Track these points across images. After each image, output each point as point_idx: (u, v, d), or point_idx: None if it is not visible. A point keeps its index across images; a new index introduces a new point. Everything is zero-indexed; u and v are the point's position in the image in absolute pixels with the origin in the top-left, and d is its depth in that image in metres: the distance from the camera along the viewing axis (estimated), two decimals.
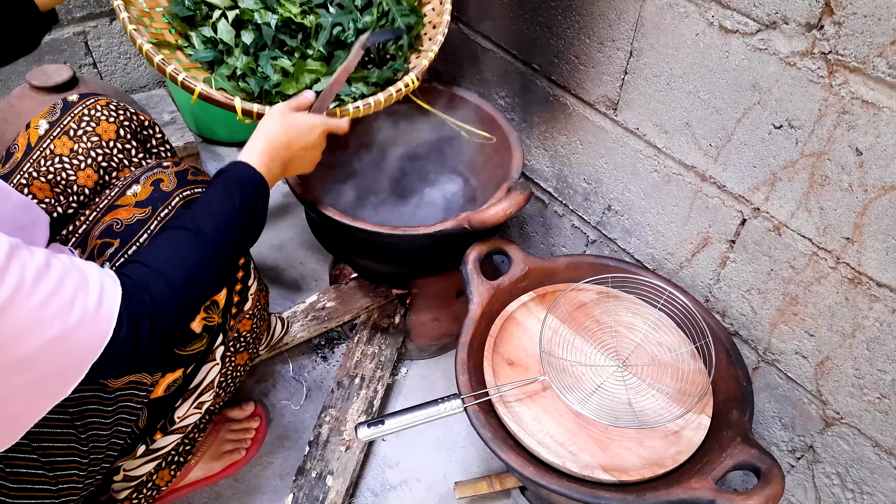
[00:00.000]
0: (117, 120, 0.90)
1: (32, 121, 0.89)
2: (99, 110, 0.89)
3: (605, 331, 0.94)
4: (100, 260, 0.79)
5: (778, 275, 0.87)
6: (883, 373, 0.79)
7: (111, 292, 0.58)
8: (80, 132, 0.88)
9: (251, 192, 0.75)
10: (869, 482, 0.86)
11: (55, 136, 0.87)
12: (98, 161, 0.88)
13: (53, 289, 0.53)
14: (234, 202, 0.73)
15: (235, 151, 1.86)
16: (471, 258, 0.96)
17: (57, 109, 0.89)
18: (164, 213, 0.80)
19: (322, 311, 1.25)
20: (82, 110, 0.89)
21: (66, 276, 0.55)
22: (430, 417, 0.80)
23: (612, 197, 1.11)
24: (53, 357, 0.54)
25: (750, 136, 0.83)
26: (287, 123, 0.83)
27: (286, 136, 0.82)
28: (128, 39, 1.84)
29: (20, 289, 0.50)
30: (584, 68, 1.05)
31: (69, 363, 0.56)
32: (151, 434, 0.86)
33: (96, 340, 0.56)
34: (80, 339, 0.55)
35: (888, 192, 0.70)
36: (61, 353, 0.54)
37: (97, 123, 0.89)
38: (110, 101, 0.91)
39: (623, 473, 0.76)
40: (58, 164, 0.86)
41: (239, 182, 0.75)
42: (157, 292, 0.63)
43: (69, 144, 0.87)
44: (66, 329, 0.54)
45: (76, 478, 0.75)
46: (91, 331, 0.56)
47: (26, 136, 0.88)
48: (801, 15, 0.71)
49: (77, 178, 0.87)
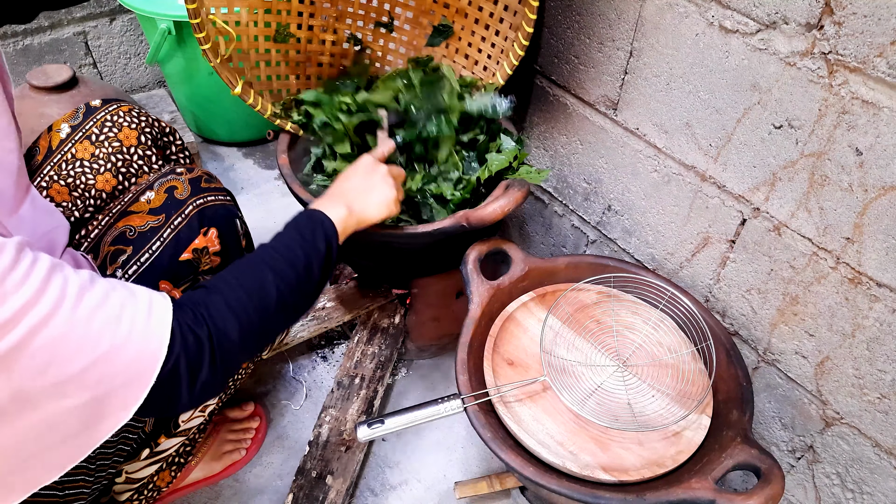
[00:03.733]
0: (139, 126, 0.90)
1: (54, 124, 0.89)
2: (121, 116, 0.89)
3: (606, 331, 0.94)
4: (112, 268, 0.78)
5: (778, 275, 0.87)
6: (883, 373, 0.79)
7: (161, 305, 0.55)
8: (101, 137, 0.88)
9: (307, 224, 0.74)
10: (869, 482, 0.86)
11: (77, 141, 0.87)
12: (118, 166, 0.88)
13: (98, 302, 0.50)
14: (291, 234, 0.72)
15: (235, 151, 1.86)
16: (471, 258, 0.96)
17: (79, 114, 0.89)
18: (177, 222, 0.80)
19: (322, 311, 1.25)
20: (105, 116, 0.89)
21: (112, 292, 0.52)
22: (430, 417, 0.80)
23: (612, 197, 1.11)
24: (102, 378, 0.50)
25: (750, 136, 0.83)
26: (344, 171, 0.87)
27: (340, 178, 0.85)
28: (128, 39, 1.84)
29: (63, 301, 0.48)
30: (584, 68, 1.05)
31: (120, 386, 0.52)
32: (155, 438, 0.87)
33: (150, 356, 0.53)
34: (132, 355, 0.52)
35: (888, 192, 0.70)
36: (110, 374, 0.51)
37: (119, 129, 0.89)
38: (132, 107, 0.91)
39: (623, 473, 0.76)
40: (78, 169, 0.86)
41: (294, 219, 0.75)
42: (213, 308, 0.60)
43: (91, 149, 0.87)
44: (114, 344, 0.50)
45: (83, 483, 0.76)
46: (142, 346, 0.52)
47: (48, 139, 0.88)
48: (801, 15, 0.71)
49: (96, 182, 0.87)
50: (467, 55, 1.15)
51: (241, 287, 0.64)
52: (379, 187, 0.84)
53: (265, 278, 0.65)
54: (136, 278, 0.77)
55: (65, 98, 1.37)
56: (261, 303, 0.64)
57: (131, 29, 1.83)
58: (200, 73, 1.60)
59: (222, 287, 0.63)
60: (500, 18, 1.07)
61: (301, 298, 0.71)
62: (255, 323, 0.64)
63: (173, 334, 0.54)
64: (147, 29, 1.58)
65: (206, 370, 0.57)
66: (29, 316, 0.46)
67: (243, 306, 0.62)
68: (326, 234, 0.74)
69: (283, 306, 0.67)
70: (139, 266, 0.78)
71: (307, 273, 0.70)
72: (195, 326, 0.57)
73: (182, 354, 0.55)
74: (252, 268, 0.66)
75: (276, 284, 0.66)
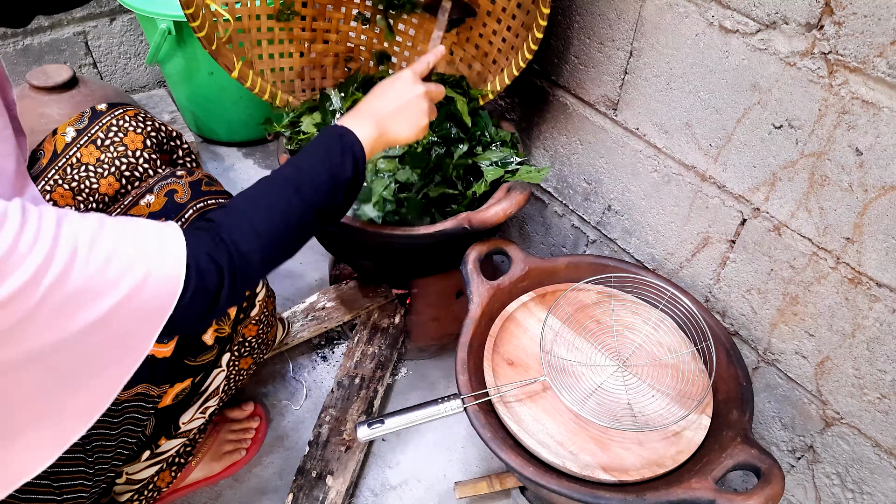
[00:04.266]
0: (144, 131, 0.90)
1: (60, 128, 0.89)
2: (127, 121, 0.89)
3: (606, 331, 0.94)
4: None
5: (778, 275, 0.87)
6: (883, 373, 0.79)
7: (173, 239, 0.56)
8: (107, 142, 0.88)
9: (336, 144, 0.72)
10: (869, 482, 0.86)
11: (82, 145, 0.87)
12: (122, 171, 0.88)
13: (113, 247, 0.51)
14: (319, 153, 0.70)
15: (235, 151, 1.86)
16: (471, 258, 0.96)
17: (85, 118, 0.89)
18: None
19: (322, 311, 1.25)
20: (110, 120, 0.89)
21: (123, 233, 0.53)
22: (430, 417, 0.80)
23: (612, 197, 1.11)
24: (129, 313, 0.52)
25: (750, 136, 0.83)
26: (384, 80, 0.82)
27: (374, 92, 0.81)
28: (128, 39, 1.84)
29: (77, 254, 0.49)
30: (584, 68, 1.05)
31: (146, 315, 0.54)
32: (156, 440, 0.86)
33: (168, 292, 0.54)
34: (151, 293, 0.53)
35: (888, 192, 0.70)
36: (135, 308, 0.52)
37: (125, 134, 0.89)
38: (138, 111, 0.91)
39: (623, 473, 0.76)
40: (83, 173, 0.86)
41: (321, 135, 0.73)
42: (236, 231, 0.61)
43: (96, 154, 0.87)
44: (133, 286, 0.51)
45: (81, 487, 0.76)
46: (160, 283, 0.54)
47: (52, 143, 0.88)
48: (801, 15, 0.71)
49: (99, 185, 0.87)
50: (478, 45, 1.14)
51: (266, 208, 0.64)
52: (413, 111, 0.81)
53: (290, 200, 0.66)
54: None
55: (65, 98, 1.37)
56: (284, 225, 0.65)
57: (131, 29, 1.83)
58: (200, 73, 1.60)
59: (247, 207, 0.64)
60: (512, 14, 1.06)
61: (324, 221, 0.71)
62: (277, 244, 0.65)
63: (188, 266, 0.55)
64: (147, 29, 1.58)
65: (225, 291, 0.59)
66: (48, 274, 0.46)
67: (266, 229, 0.63)
68: (355, 156, 0.72)
69: (306, 228, 0.68)
70: None
71: (331, 197, 0.70)
72: (214, 253, 0.58)
73: (199, 284, 0.56)
74: (278, 189, 0.66)
75: (301, 207, 0.66)
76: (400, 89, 0.81)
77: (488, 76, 1.14)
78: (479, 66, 1.13)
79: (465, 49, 1.17)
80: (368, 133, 0.75)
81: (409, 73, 0.82)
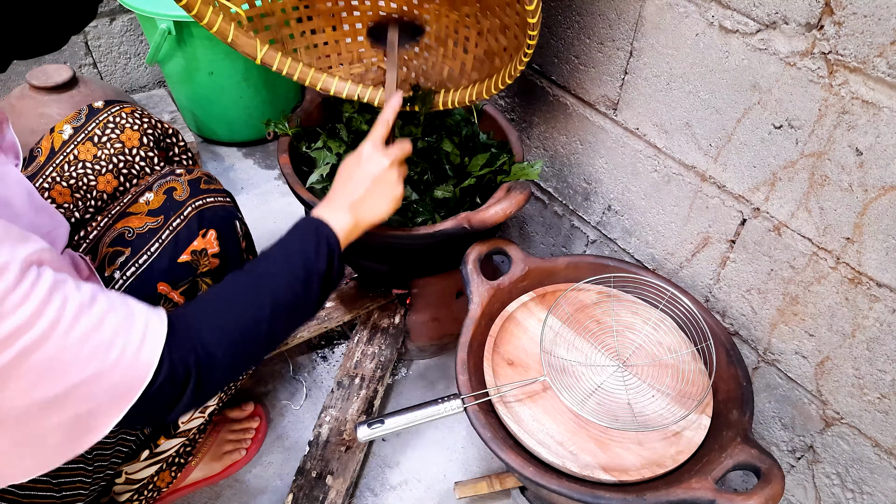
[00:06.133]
0: (141, 128, 0.90)
1: (57, 125, 0.89)
2: (124, 118, 0.89)
3: (606, 331, 0.94)
4: (110, 269, 0.78)
5: (778, 275, 0.87)
6: (883, 373, 0.79)
7: (155, 331, 0.56)
8: (104, 139, 0.88)
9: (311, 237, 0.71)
10: (869, 482, 0.86)
11: (79, 142, 0.87)
12: (119, 168, 0.88)
13: (93, 326, 0.51)
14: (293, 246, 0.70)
15: (235, 151, 1.86)
16: (471, 258, 0.96)
17: (82, 115, 0.89)
18: (176, 223, 0.80)
19: (322, 311, 1.25)
20: (107, 117, 0.89)
21: (109, 314, 0.53)
22: (430, 417, 0.80)
23: (612, 197, 1.11)
24: (86, 397, 0.52)
25: (750, 136, 0.83)
26: (347, 159, 0.81)
27: (341, 176, 0.80)
28: (128, 39, 1.84)
29: (58, 325, 0.49)
30: (584, 68, 1.05)
31: (103, 404, 0.53)
32: (155, 439, 0.86)
33: (135, 380, 0.54)
34: (117, 379, 0.53)
35: (888, 192, 0.70)
36: (95, 394, 0.52)
37: (122, 131, 0.89)
38: (135, 108, 0.91)
39: (623, 473, 0.76)
40: (80, 170, 0.86)
41: (296, 227, 0.73)
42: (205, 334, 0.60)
43: (93, 151, 0.87)
44: (101, 370, 0.51)
45: (81, 484, 0.76)
46: (129, 371, 0.53)
47: (50, 140, 0.88)
48: (801, 15, 0.71)
49: (97, 183, 0.87)
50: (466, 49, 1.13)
51: (236, 311, 0.63)
52: (383, 188, 0.80)
53: (262, 301, 0.65)
54: (134, 280, 0.77)
55: (65, 98, 1.37)
56: (254, 328, 0.64)
57: (131, 29, 1.83)
58: (200, 73, 1.60)
59: (218, 308, 0.63)
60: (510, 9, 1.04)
61: (297, 318, 0.70)
62: (246, 350, 0.64)
63: (161, 361, 0.55)
64: (147, 29, 1.58)
65: (188, 395, 0.59)
66: (23, 338, 0.47)
67: (235, 334, 0.62)
68: (330, 248, 0.71)
69: (276, 331, 0.67)
70: (137, 268, 0.77)
71: (306, 291, 0.69)
72: (185, 354, 0.58)
73: (167, 381, 0.56)
74: (250, 289, 0.66)
75: (273, 308, 0.65)
76: (365, 169, 0.80)
77: (472, 73, 1.09)
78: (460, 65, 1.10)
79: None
80: (346, 222, 0.75)
81: (370, 147, 0.81)
